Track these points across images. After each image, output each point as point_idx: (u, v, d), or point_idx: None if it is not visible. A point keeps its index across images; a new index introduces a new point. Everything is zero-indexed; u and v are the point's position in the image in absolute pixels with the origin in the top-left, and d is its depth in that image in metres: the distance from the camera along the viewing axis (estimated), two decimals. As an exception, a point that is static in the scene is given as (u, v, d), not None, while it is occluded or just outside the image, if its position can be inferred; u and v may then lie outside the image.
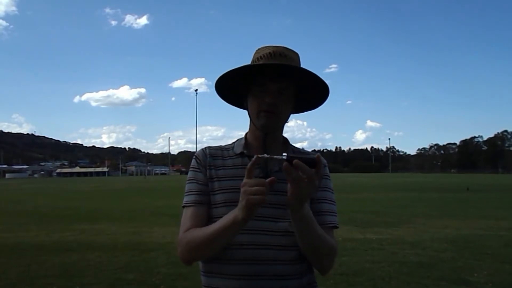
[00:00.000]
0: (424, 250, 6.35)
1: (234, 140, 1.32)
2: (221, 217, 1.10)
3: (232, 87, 1.25)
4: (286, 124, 1.26)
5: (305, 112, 1.37)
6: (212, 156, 1.24)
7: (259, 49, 1.23)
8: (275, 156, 0.96)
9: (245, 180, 0.98)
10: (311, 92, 1.24)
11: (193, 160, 1.26)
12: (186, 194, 1.22)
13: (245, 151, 1.22)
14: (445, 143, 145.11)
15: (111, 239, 7.62)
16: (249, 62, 1.22)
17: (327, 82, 1.19)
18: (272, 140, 1.22)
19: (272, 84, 1.16)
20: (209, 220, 1.17)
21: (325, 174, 1.25)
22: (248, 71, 1.18)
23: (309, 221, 1.06)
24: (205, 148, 1.28)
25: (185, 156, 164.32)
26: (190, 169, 1.26)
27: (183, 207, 1.20)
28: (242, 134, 1.30)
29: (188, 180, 1.24)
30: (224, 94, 1.30)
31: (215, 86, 1.24)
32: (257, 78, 1.18)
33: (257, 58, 1.20)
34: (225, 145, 1.31)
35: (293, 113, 1.29)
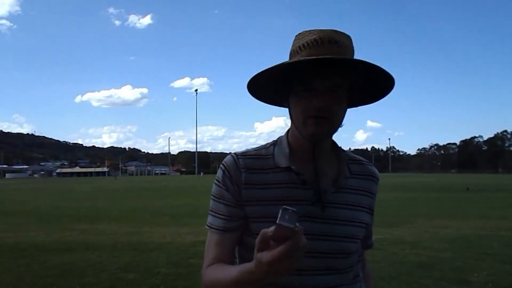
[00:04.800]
0: (424, 250, 6.34)
1: (269, 141, 1.05)
2: None
3: (268, 83, 0.96)
4: (287, 123, 1.04)
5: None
6: (248, 169, 0.95)
7: (299, 34, 0.94)
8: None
9: (267, 255, 0.69)
10: (369, 83, 0.95)
11: (220, 171, 0.97)
12: (211, 213, 0.98)
13: (293, 167, 0.95)
14: (445, 143, 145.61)
15: (111, 239, 7.61)
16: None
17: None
18: (321, 150, 0.97)
19: (320, 82, 0.88)
20: (241, 247, 0.99)
21: (375, 193, 1.08)
22: (290, 68, 0.90)
23: None
24: (238, 156, 0.98)
25: (185, 156, 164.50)
26: (216, 182, 0.97)
27: (208, 227, 0.99)
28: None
29: (214, 197, 0.98)
30: (258, 93, 1.01)
31: (248, 86, 0.97)
32: (301, 74, 0.89)
33: (299, 47, 0.92)
34: (261, 149, 1.01)
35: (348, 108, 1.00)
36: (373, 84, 0.96)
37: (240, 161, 0.96)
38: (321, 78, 0.88)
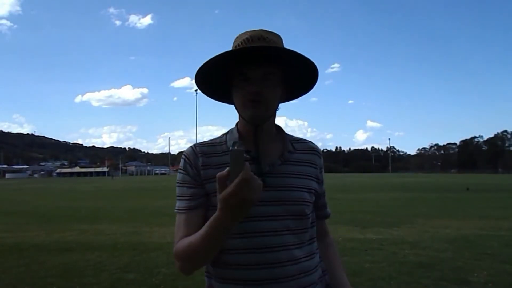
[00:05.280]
0: (424, 250, 6.34)
1: (222, 133, 1.22)
2: None
3: (216, 83, 1.16)
4: (287, 123, 1.23)
5: (307, 113, 1.26)
6: (205, 154, 1.13)
7: (237, 36, 1.14)
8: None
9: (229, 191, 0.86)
10: (299, 75, 1.15)
11: (182, 161, 1.14)
12: (177, 198, 1.13)
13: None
14: (445, 143, 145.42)
15: (111, 239, 7.62)
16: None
17: (329, 81, 1.17)
18: (264, 132, 1.13)
19: (253, 71, 1.07)
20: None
21: (323, 166, 1.26)
22: (228, 62, 1.08)
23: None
24: (195, 146, 1.16)
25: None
26: (179, 170, 1.15)
27: (176, 211, 1.13)
28: (219, 136, 1.22)
29: (178, 183, 1.14)
30: (210, 91, 1.21)
31: (196, 83, 1.14)
32: (237, 67, 1.08)
33: (235, 46, 1.11)
34: (216, 139, 1.19)
35: (286, 101, 1.22)
36: (303, 75, 1.15)
37: (198, 149, 1.15)
38: (253, 67, 1.07)
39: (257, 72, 1.07)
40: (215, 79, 1.14)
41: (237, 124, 1.19)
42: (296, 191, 1.12)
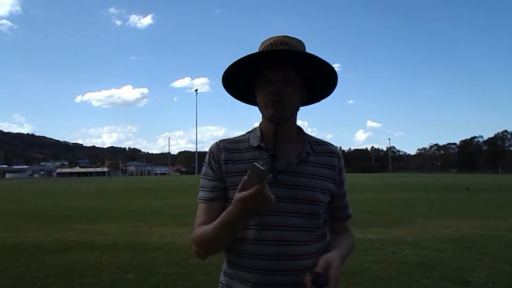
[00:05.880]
0: (424, 250, 6.34)
1: (246, 131, 1.31)
2: None
3: (241, 86, 1.26)
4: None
5: (307, 113, 1.33)
6: (227, 150, 1.23)
7: (262, 42, 1.23)
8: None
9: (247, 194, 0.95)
10: (319, 79, 1.22)
11: (207, 155, 1.25)
12: (200, 189, 1.25)
13: (262, 144, 1.21)
14: (445, 143, 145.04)
15: (111, 239, 7.62)
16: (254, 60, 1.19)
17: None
18: (284, 132, 1.21)
19: (274, 73, 1.16)
20: None
21: (342, 168, 1.31)
22: (252, 66, 1.18)
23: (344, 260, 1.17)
24: (220, 141, 1.26)
25: (185, 156, 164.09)
26: (204, 164, 1.26)
27: (198, 200, 1.24)
28: (243, 134, 1.30)
29: (202, 175, 1.25)
30: (236, 94, 1.31)
31: (223, 85, 1.25)
32: (261, 70, 1.18)
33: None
34: (239, 137, 1.29)
35: (307, 104, 1.32)
36: (323, 80, 1.23)
37: (221, 144, 1.25)
38: (274, 69, 1.16)
39: (277, 74, 1.16)
40: (239, 81, 1.24)
41: (260, 123, 1.28)
42: (310, 190, 1.18)
